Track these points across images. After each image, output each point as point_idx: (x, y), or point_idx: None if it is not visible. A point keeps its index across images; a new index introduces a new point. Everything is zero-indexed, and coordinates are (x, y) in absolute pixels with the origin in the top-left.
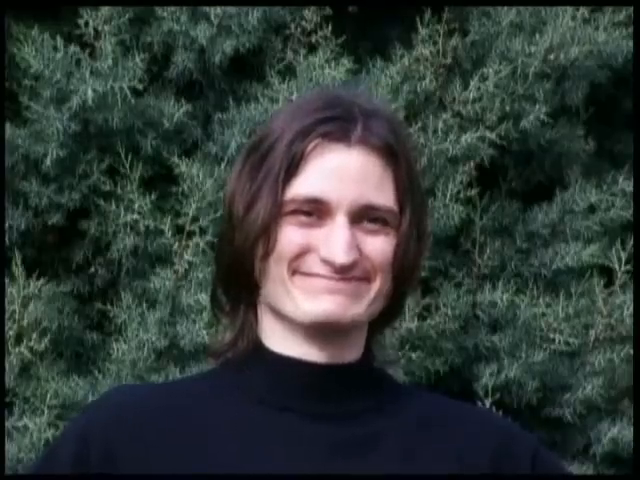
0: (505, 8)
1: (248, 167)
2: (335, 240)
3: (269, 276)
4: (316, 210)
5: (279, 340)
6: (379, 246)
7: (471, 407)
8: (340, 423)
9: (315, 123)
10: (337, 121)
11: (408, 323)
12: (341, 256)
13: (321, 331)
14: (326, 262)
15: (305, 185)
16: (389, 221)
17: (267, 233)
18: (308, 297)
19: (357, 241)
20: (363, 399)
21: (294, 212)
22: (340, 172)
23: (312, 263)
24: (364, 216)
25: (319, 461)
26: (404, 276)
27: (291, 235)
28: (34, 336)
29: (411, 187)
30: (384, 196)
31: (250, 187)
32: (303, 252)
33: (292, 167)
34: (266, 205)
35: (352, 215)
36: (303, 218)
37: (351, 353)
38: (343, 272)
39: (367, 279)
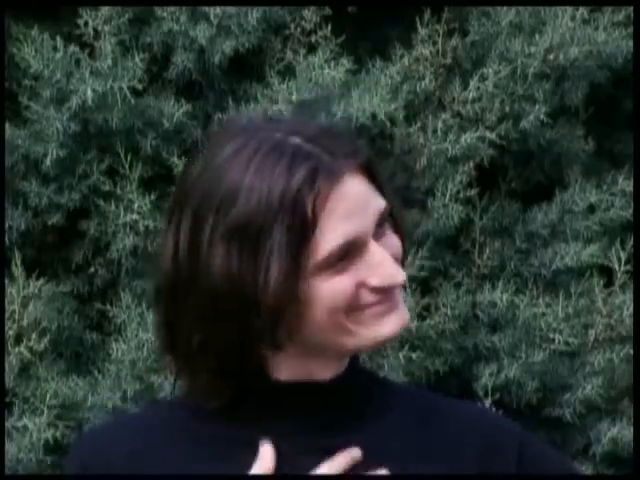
0: (505, 8)
1: (243, 249)
2: (383, 265)
3: (315, 331)
4: (349, 251)
5: (286, 371)
6: (396, 244)
7: (456, 403)
8: (328, 433)
9: (309, 177)
10: (323, 165)
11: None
12: (401, 274)
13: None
14: (383, 289)
15: (334, 237)
16: (386, 218)
17: (300, 299)
18: (375, 323)
19: None
20: (350, 409)
21: (329, 266)
22: (354, 207)
23: (366, 295)
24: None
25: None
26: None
27: (340, 284)
28: (34, 336)
29: (384, 182)
30: (380, 201)
31: (258, 267)
32: (356, 292)
33: (308, 228)
34: (289, 275)
35: (373, 234)
36: (341, 264)
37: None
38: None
39: None
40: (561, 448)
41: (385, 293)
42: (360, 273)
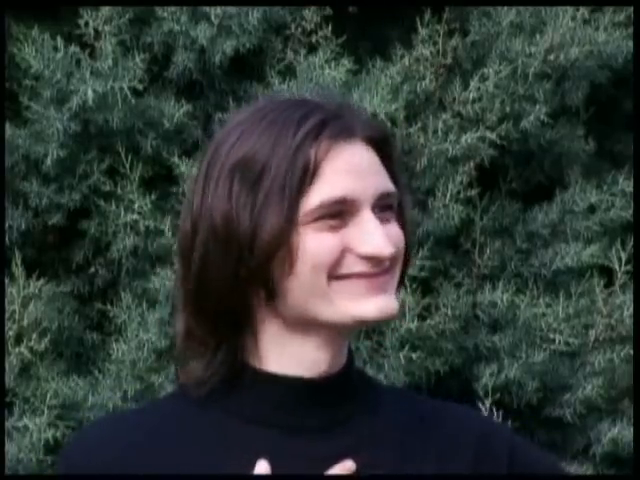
0: (505, 8)
1: (243, 187)
2: (374, 234)
3: (298, 288)
4: (342, 211)
5: (278, 357)
6: (397, 233)
7: (449, 405)
8: (321, 435)
9: (317, 127)
10: (334, 120)
11: (408, 323)
12: (388, 247)
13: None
14: (368, 258)
15: (329, 188)
16: (393, 207)
17: (291, 246)
18: (355, 299)
19: None
20: (345, 409)
21: (320, 218)
22: (356, 168)
23: (351, 263)
24: (377, 206)
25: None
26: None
27: (326, 241)
28: (34, 336)
29: (398, 171)
30: (388, 183)
31: (254, 206)
32: (341, 255)
33: (308, 174)
34: (284, 218)
35: (372, 207)
36: (332, 222)
37: (343, 355)
38: (382, 265)
39: (392, 268)
40: (561, 448)
41: (371, 266)
42: (349, 238)
